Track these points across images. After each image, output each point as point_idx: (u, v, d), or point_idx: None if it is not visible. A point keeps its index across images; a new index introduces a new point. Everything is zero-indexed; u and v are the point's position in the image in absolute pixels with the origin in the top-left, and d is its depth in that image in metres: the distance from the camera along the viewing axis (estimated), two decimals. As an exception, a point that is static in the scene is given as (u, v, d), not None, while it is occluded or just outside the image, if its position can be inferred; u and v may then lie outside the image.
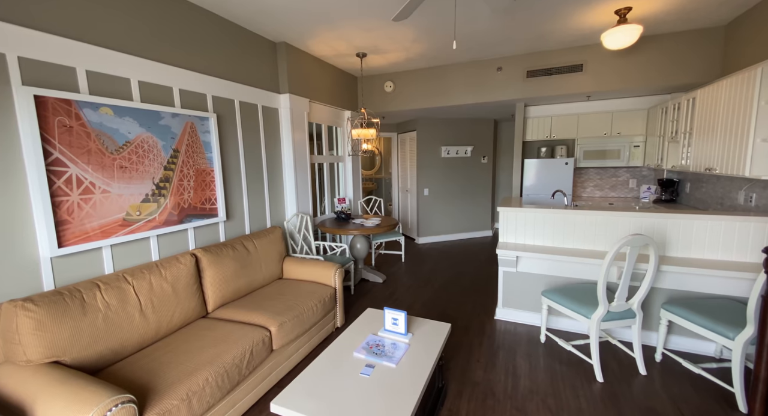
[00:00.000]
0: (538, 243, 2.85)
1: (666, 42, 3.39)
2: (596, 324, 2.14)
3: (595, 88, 3.75)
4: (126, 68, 2.10)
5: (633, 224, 2.56)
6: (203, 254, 2.36)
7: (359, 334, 1.98)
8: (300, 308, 2.37)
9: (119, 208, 2.07)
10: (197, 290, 2.25)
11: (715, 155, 2.59)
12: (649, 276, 2.15)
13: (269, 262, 2.86)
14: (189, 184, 2.50)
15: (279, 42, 3.37)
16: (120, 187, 2.07)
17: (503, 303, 3.03)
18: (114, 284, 1.83)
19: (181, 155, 2.44)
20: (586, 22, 3.06)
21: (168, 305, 2.02)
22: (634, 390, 2.06)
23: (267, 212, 3.35)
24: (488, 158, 6.15)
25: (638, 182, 4.73)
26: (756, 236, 2.25)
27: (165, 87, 2.35)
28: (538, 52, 3.88)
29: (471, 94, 4.27)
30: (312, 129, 4.06)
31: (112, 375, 1.63)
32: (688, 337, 2.45)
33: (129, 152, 2.11)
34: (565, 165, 4.64)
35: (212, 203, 2.69)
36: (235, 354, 1.82)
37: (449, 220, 6.06)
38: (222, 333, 1.99)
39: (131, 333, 1.81)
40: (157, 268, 2.06)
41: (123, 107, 2.07)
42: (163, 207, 2.33)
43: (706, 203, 3.42)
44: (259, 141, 3.23)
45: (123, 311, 1.80)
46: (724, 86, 2.52)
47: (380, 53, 3.80)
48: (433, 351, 1.79)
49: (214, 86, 2.70)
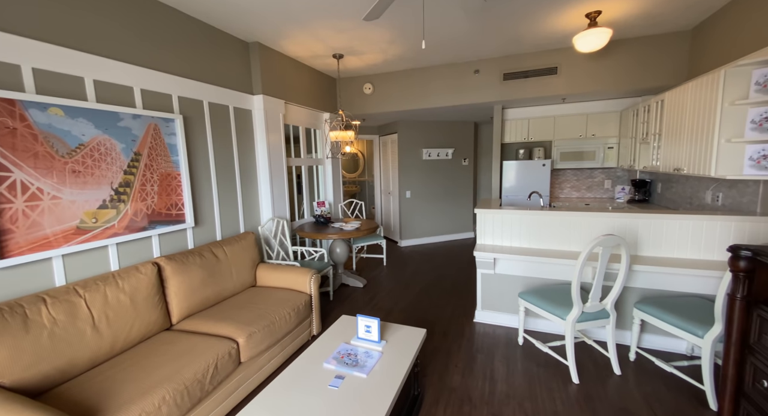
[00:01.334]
0: (515, 245, 2.85)
1: (635, 46, 3.48)
2: (571, 325, 2.14)
3: (569, 90, 3.81)
4: (79, 67, 1.97)
5: (606, 224, 2.58)
6: (167, 262, 2.24)
7: (331, 343, 1.90)
8: (271, 317, 2.27)
9: (72, 215, 1.94)
10: (159, 301, 2.12)
11: (683, 155, 2.65)
12: (621, 276, 2.16)
13: (241, 269, 2.75)
14: (153, 188, 2.38)
15: (251, 42, 3.28)
16: (73, 193, 1.94)
17: (482, 306, 3.01)
18: (63, 297, 1.69)
19: (144, 158, 2.32)
20: (558, 25, 3.10)
21: (125, 318, 1.90)
22: (609, 391, 2.06)
23: (240, 217, 3.23)
24: (469, 160, 6.19)
25: (613, 183, 4.83)
26: (722, 234, 2.30)
27: (125, 87, 2.23)
28: (514, 55, 3.92)
29: (450, 96, 4.27)
30: (289, 131, 3.97)
31: (57, 397, 1.50)
32: (661, 335, 2.48)
33: (83, 156, 1.98)
34: (543, 167, 4.70)
35: (179, 209, 2.57)
36: (197, 369, 1.72)
37: (432, 222, 6.04)
38: (185, 346, 1.88)
39: (82, 350, 1.68)
40: (113, 279, 1.93)
41: (75, 108, 1.94)
42: (123, 213, 2.20)
43: (677, 203, 3.51)
44: (231, 143, 3.12)
45: (72, 326, 1.67)
46: (690, 89, 2.58)
47: (357, 55, 3.75)
48: (407, 358, 1.73)
49: (180, 87, 2.59)
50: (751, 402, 1.48)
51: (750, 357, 1.49)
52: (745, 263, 1.50)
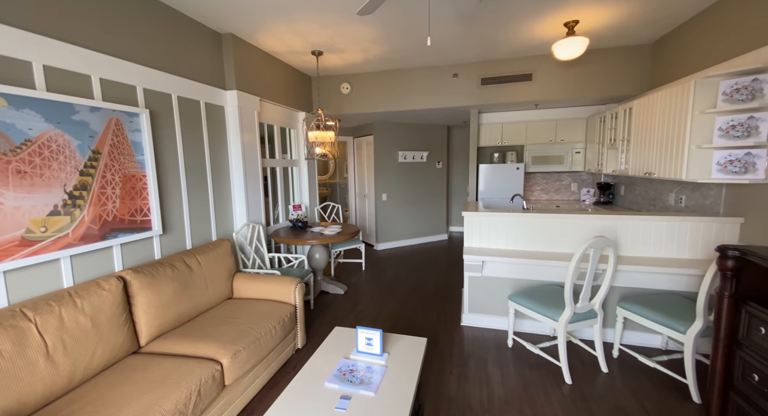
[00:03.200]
0: (502, 247, 2.87)
1: (603, 56, 3.68)
2: (564, 326, 2.17)
3: (542, 96, 3.96)
4: (26, 49, 1.67)
5: (589, 225, 2.67)
6: (134, 276, 1.97)
7: (328, 358, 1.77)
8: (256, 333, 2.08)
9: (16, 224, 1.63)
10: (126, 320, 1.86)
11: (653, 160, 2.83)
12: (608, 276, 2.24)
13: (216, 280, 2.51)
14: (114, 192, 2.09)
15: (225, 33, 3.03)
16: (17, 197, 1.63)
17: (469, 309, 3.00)
18: (8, 323, 1.41)
19: (104, 158, 2.03)
20: (536, 32, 3.19)
21: (86, 343, 1.62)
22: (600, 389, 2.12)
23: (212, 223, 2.97)
24: (442, 163, 6.25)
25: (579, 186, 5.10)
26: (692, 234, 2.47)
27: (81, 75, 1.93)
28: (492, 61, 4.00)
29: (429, 99, 4.27)
30: (263, 130, 3.73)
31: (2, 446, 1.23)
32: (638, 331, 2.61)
33: (30, 153, 1.68)
34: (516, 170, 4.85)
35: (144, 215, 2.29)
36: (178, 399, 1.50)
37: (408, 225, 6.02)
38: (160, 372, 1.65)
39: (33, 384, 1.41)
40: (70, 297, 1.65)
41: (21, 97, 1.64)
42: (79, 221, 1.90)
43: (640, 205, 3.76)
44: (203, 142, 2.85)
45: (20, 357, 1.39)
46: (659, 97, 2.76)
47: (337, 52, 3.62)
48: (414, 371, 1.65)
49: (146, 78, 2.31)
50: (741, 395, 1.57)
51: (739, 351, 1.58)
52: (733, 263, 1.59)
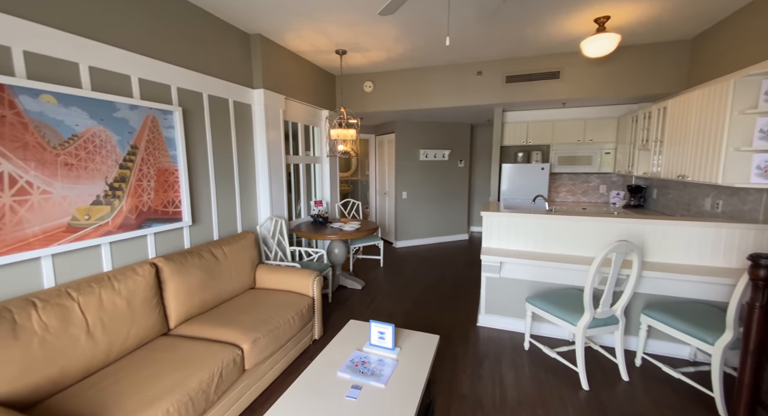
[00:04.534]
0: (521, 248, 2.83)
1: (637, 53, 3.52)
2: (582, 331, 2.12)
3: (570, 95, 3.83)
4: (74, 51, 1.83)
5: (613, 229, 2.58)
6: (165, 263, 2.11)
7: (342, 350, 1.83)
8: (276, 322, 2.17)
9: (63, 211, 1.79)
10: (157, 304, 2.00)
11: (687, 162, 2.69)
12: (632, 282, 2.16)
13: (240, 270, 2.63)
14: (149, 184, 2.24)
15: (253, 34, 3.15)
16: (65, 187, 1.79)
17: (486, 309, 2.98)
18: (54, 301, 1.56)
19: (140, 152, 2.18)
20: (564, 29, 3.10)
21: (122, 323, 1.77)
22: (620, 397, 2.06)
23: (238, 216, 3.10)
24: (465, 162, 6.18)
25: (608, 188, 4.90)
26: (727, 241, 2.33)
27: (122, 75, 2.08)
28: (518, 58, 3.92)
29: (451, 97, 4.24)
30: (287, 128, 3.85)
31: (49, 410, 1.37)
32: (664, 340, 2.51)
33: (76, 147, 1.84)
34: (541, 170, 4.73)
35: (176, 206, 2.44)
36: (202, 378, 1.61)
37: (427, 224, 6.01)
38: (186, 353, 1.77)
39: (75, 358, 1.55)
40: (109, 280, 1.80)
41: (69, 96, 1.79)
42: (118, 210, 2.06)
43: (673, 209, 3.57)
44: (230, 139, 2.99)
45: (65, 333, 1.54)
46: (696, 97, 2.61)
47: (361, 51, 3.67)
48: (424, 367, 1.67)
49: (179, 77, 2.45)
50: (769, 411, 1.48)
51: (769, 365, 1.50)
52: (766, 272, 1.50)
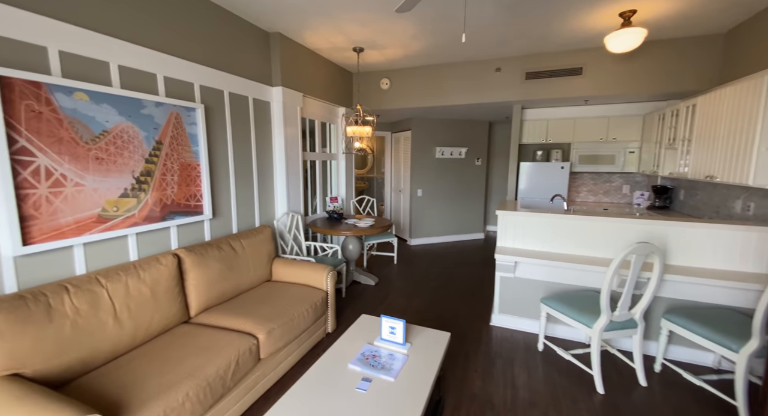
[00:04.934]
0: (537, 248, 2.78)
1: (665, 48, 3.38)
2: (598, 334, 2.08)
3: (593, 92, 3.72)
4: (105, 51, 1.92)
5: (634, 230, 2.51)
6: (186, 254, 2.20)
7: (354, 343, 1.86)
8: (290, 314, 2.23)
9: (94, 203, 1.90)
10: (179, 293, 2.09)
11: (717, 162, 2.57)
12: (652, 285, 2.10)
13: (257, 263, 2.71)
14: (173, 179, 2.34)
15: (273, 32, 3.21)
16: (95, 180, 1.90)
17: (499, 309, 2.96)
18: (85, 286, 1.66)
19: (165, 148, 2.27)
20: (588, 23, 3.01)
21: (146, 310, 1.86)
22: (636, 403, 2.01)
23: (256, 211, 3.19)
24: (482, 160, 6.11)
25: (631, 188, 4.74)
26: (758, 246, 2.22)
27: (148, 73, 2.18)
28: (538, 54, 3.83)
29: (469, 94, 4.19)
30: (305, 125, 3.91)
31: (80, 388, 1.47)
32: (687, 347, 2.42)
33: (106, 143, 1.94)
34: (561, 169, 4.61)
35: (197, 200, 2.53)
36: (220, 365, 1.68)
37: (442, 222, 5.98)
38: (205, 340, 1.85)
39: (103, 341, 1.65)
40: (134, 269, 1.90)
41: (100, 93, 1.89)
42: (144, 203, 2.16)
43: (701, 211, 3.42)
44: (249, 135, 3.07)
45: (95, 317, 1.64)
46: (727, 94, 2.49)
47: (378, 49, 3.68)
48: (434, 363, 1.69)
49: (202, 75, 2.54)
50: (797, 423, 1.41)
51: (798, 375, 1.43)
52: (798, 278, 1.43)
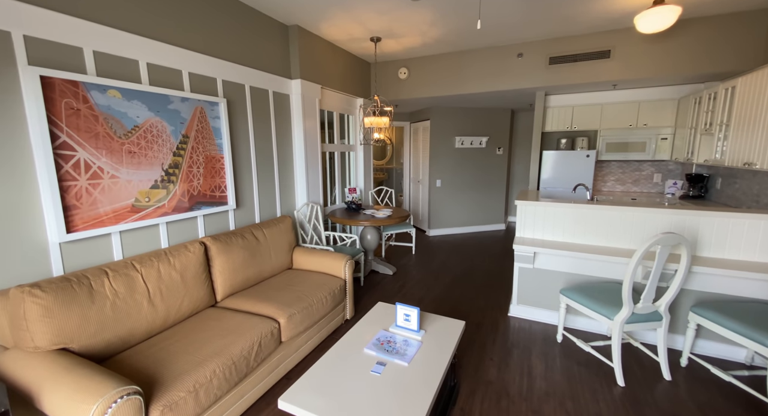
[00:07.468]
0: (557, 239, 2.72)
1: (702, 26, 3.15)
2: (619, 326, 2.03)
3: (623, 75, 3.54)
4: (134, 49, 2.03)
5: (661, 221, 2.40)
6: (212, 242, 2.32)
7: (370, 329, 1.92)
8: (309, 300, 2.32)
9: (128, 194, 2.03)
10: (206, 279, 2.21)
11: (757, 149, 2.40)
12: (679, 277, 2.01)
13: (279, 252, 2.81)
14: (198, 171, 2.45)
15: (291, 25, 3.25)
16: (129, 172, 2.03)
17: (518, 300, 2.93)
18: (122, 271, 1.80)
19: (191, 141, 2.38)
20: (616, 3, 2.85)
21: (176, 293, 1.99)
22: (658, 396, 1.96)
23: (277, 201, 3.29)
24: (504, 150, 5.97)
25: (663, 177, 4.50)
26: (800, 237, 2.08)
27: (174, 70, 2.28)
28: (563, 38, 3.67)
29: (489, 81, 4.09)
30: (323, 117, 3.96)
31: (119, 363, 1.61)
32: (717, 342, 2.32)
33: (138, 137, 2.06)
34: (586, 158, 4.44)
35: (222, 191, 2.64)
36: (244, 346, 1.78)
37: (461, 213, 5.93)
38: (230, 323, 1.96)
39: (139, 321, 1.79)
40: (165, 256, 2.03)
41: (131, 90, 2.00)
42: (173, 194, 2.28)
43: (740, 201, 3.22)
44: (270, 128, 3.15)
45: (131, 299, 1.77)
46: (770, 73, 2.31)
47: (395, 37, 3.64)
48: (447, 349, 1.71)
49: (224, 70, 2.62)
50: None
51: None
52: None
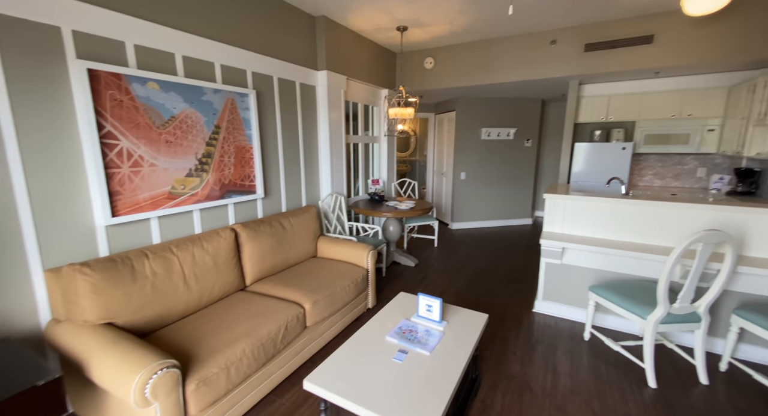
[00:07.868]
0: (587, 234, 2.62)
1: (759, 7, 2.87)
2: (653, 326, 1.94)
3: (667, 63, 3.31)
4: (171, 42, 2.11)
5: (703, 217, 2.26)
6: (242, 229, 2.42)
7: (392, 318, 1.94)
8: (333, 288, 2.37)
9: (165, 181, 2.14)
10: (236, 264, 2.31)
11: (819, 140, 2.19)
12: (722, 278, 1.89)
13: (304, 240, 2.88)
14: (229, 160, 2.54)
15: (318, 16, 3.27)
16: (166, 161, 2.13)
17: (544, 296, 2.86)
18: (161, 254, 1.91)
19: (222, 132, 2.47)
20: (664, -17, 2.65)
21: (209, 276, 2.10)
22: (693, 400, 1.87)
23: (303, 191, 3.36)
24: (532, 142, 5.77)
25: (708, 172, 4.20)
26: None
27: (207, 62, 2.36)
28: (600, 23, 3.47)
29: (520, 71, 3.94)
30: (348, 108, 3.98)
31: (158, 339, 1.72)
32: (762, 347, 2.17)
33: (174, 127, 2.16)
34: (622, 150, 4.21)
35: (251, 180, 2.73)
36: (271, 328, 1.86)
37: (486, 206, 5.82)
38: (259, 306, 2.04)
39: (176, 301, 1.90)
40: (199, 241, 2.13)
41: (168, 82, 2.09)
42: (206, 182, 2.39)
43: (795, 198, 2.96)
44: (296, 119, 3.21)
45: (169, 280, 1.89)
46: (840, 56, 2.08)
47: (422, 26, 3.58)
48: (470, 341, 1.71)
49: (253, 62, 2.68)
50: None
51: None
52: None
